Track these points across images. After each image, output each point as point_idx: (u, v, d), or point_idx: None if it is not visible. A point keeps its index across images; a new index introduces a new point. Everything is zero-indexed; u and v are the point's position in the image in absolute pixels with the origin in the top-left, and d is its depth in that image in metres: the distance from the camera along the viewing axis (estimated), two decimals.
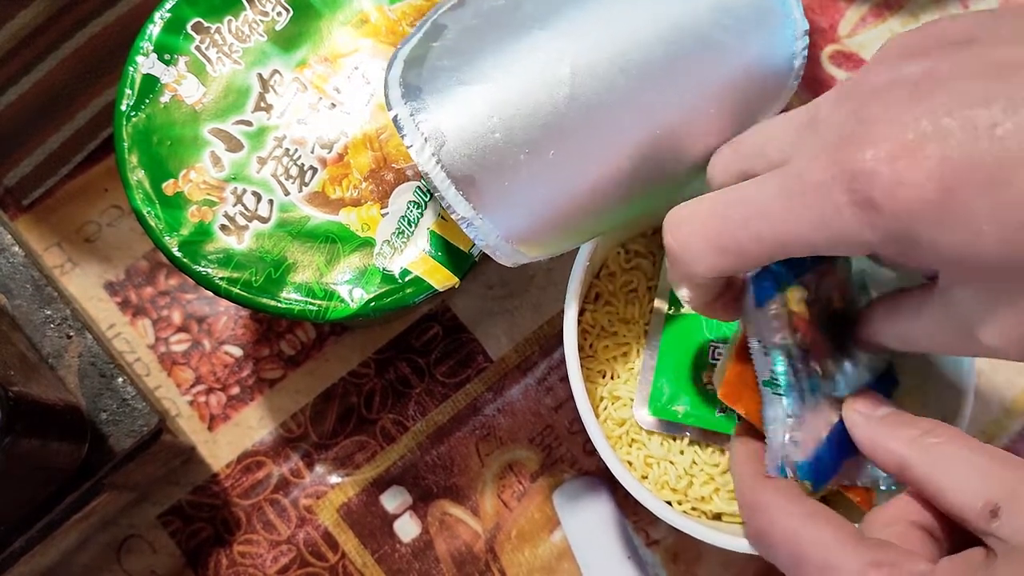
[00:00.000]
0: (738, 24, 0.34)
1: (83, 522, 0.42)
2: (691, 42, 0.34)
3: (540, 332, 0.49)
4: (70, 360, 0.40)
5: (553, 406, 0.48)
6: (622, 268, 0.43)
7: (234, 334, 0.49)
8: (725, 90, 0.34)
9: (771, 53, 0.35)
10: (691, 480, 0.40)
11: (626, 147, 0.34)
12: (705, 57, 0.34)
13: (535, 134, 0.33)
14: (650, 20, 0.34)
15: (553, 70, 0.33)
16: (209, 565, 0.47)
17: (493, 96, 0.33)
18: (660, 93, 0.33)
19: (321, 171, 0.39)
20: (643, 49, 0.33)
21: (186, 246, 0.37)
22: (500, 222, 0.34)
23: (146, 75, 0.39)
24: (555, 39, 0.33)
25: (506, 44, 0.33)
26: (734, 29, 0.34)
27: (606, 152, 0.34)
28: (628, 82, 0.33)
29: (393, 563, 0.47)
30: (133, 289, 0.49)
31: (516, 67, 0.33)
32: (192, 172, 0.38)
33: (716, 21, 0.34)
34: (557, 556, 0.47)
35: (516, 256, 0.35)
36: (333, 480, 0.47)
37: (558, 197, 0.34)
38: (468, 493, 0.47)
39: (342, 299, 0.37)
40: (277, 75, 0.39)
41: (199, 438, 0.48)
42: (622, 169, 0.34)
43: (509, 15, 0.34)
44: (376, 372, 0.49)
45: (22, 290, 0.41)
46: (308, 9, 0.40)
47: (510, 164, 0.33)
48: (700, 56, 0.34)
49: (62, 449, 0.37)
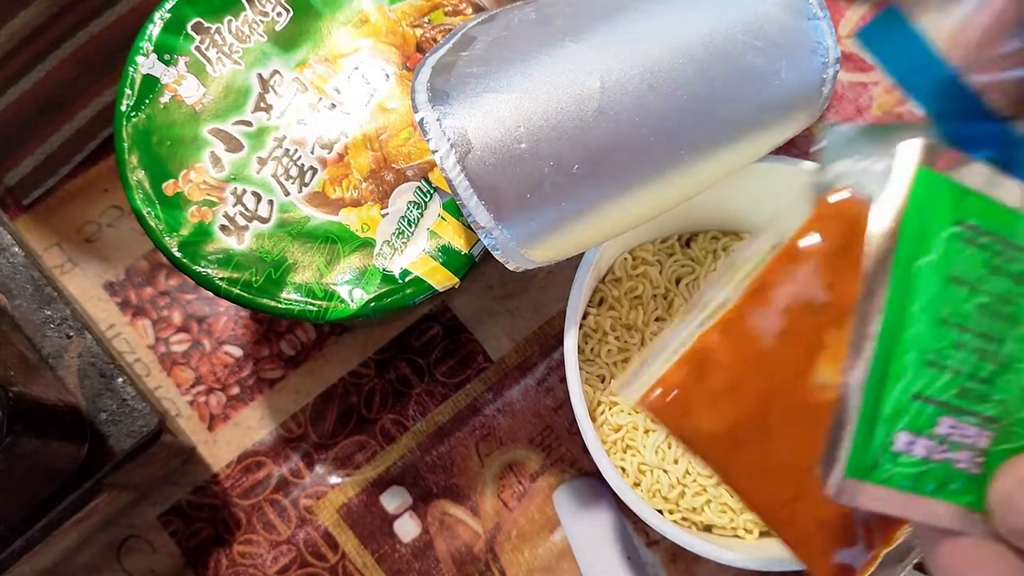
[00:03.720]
0: (770, 48, 0.34)
1: (83, 522, 0.42)
2: (722, 63, 0.34)
3: (540, 332, 0.49)
4: (70, 360, 0.40)
5: (553, 406, 0.48)
6: (628, 274, 0.43)
7: (234, 334, 0.49)
8: (752, 113, 0.34)
9: (800, 79, 0.35)
10: (683, 490, 0.40)
11: (650, 165, 0.34)
12: (735, 79, 0.34)
13: (561, 147, 0.32)
14: (683, 39, 0.33)
15: (583, 83, 0.32)
16: (209, 565, 0.47)
17: (521, 106, 0.32)
18: (688, 112, 0.33)
19: (321, 171, 0.39)
20: (674, 68, 0.33)
21: (186, 246, 0.37)
22: (517, 233, 0.33)
23: (146, 75, 0.39)
24: (586, 53, 0.33)
25: (537, 55, 0.33)
26: (765, 53, 0.34)
27: (630, 169, 0.33)
28: (657, 100, 0.33)
29: (393, 563, 0.47)
30: (133, 289, 0.49)
31: (546, 78, 0.33)
32: (192, 172, 0.38)
33: (748, 43, 0.34)
34: (557, 556, 0.47)
35: (527, 263, 0.35)
36: (333, 480, 0.47)
37: (577, 211, 0.34)
38: (468, 493, 0.47)
39: (342, 299, 0.37)
40: (277, 75, 0.39)
41: (199, 438, 0.48)
42: (644, 187, 0.34)
43: (541, 28, 0.34)
44: (376, 372, 0.49)
45: (22, 290, 0.41)
46: (308, 9, 0.40)
47: (534, 176, 0.33)
48: (730, 77, 0.34)
49: (62, 449, 0.37)
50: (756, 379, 0.24)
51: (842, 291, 0.23)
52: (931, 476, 0.21)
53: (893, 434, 0.21)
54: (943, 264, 0.22)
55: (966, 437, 0.22)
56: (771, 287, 0.24)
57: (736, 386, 0.24)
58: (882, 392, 0.21)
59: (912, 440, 0.21)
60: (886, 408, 0.21)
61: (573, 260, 0.38)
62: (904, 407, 0.21)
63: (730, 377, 0.24)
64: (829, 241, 0.24)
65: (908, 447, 0.21)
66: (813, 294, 0.24)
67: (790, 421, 0.24)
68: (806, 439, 0.23)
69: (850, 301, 0.23)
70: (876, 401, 0.21)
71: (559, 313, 0.49)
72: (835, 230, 0.24)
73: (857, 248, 0.23)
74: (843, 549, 0.24)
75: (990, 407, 0.22)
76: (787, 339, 0.24)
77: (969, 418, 0.22)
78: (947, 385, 0.21)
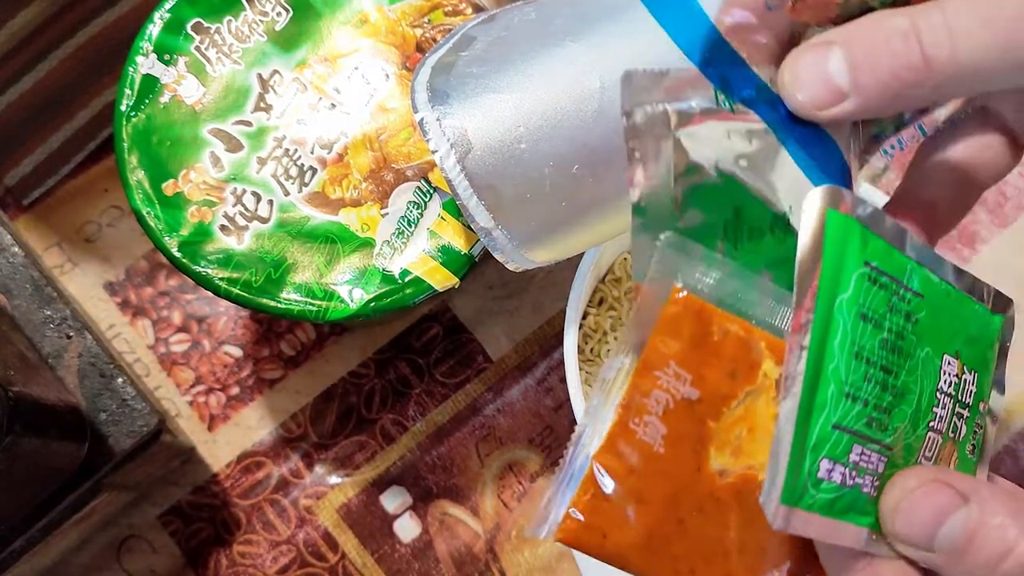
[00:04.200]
0: None
1: (83, 522, 0.42)
2: None
3: (540, 332, 0.49)
4: (70, 360, 0.40)
5: (553, 406, 0.48)
6: (628, 274, 0.43)
7: (234, 334, 0.49)
8: None
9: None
10: None
11: None
12: None
13: (561, 147, 0.32)
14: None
15: (584, 83, 0.32)
16: (209, 565, 0.47)
17: (522, 105, 0.32)
18: None
19: (321, 171, 0.39)
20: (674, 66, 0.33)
21: (186, 246, 0.37)
22: (517, 233, 0.33)
23: (146, 75, 0.39)
24: (587, 52, 0.33)
25: (537, 55, 0.33)
26: None
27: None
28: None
29: (393, 563, 0.47)
30: (133, 289, 0.49)
31: (546, 78, 0.33)
32: (192, 172, 0.38)
33: None
34: (557, 556, 0.47)
35: (527, 263, 0.35)
36: (333, 480, 0.48)
37: (577, 211, 0.34)
38: (468, 493, 0.47)
39: (342, 299, 0.37)
40: (277, 75, 0.39)
41: (199, 438, 0.48)
42: None
43: (541, 28, 0.33)
44: (376, 372, 0.49)
45: (22, 290, 0.41)
46: (308, 9, 0.40)
47: (534, 177, 0.32)
48: None
49: (62, 449, 0.37)
50: (658, 483, 0.25)
51: (707, 383, 0.25)
52: (843, 500, 0.23)
53: (817, 462, 0.22)
54: (854, 301, 0.23)
55: (869, 463, 0.23)
56: (643, 397, 0.25)
57: (642, 495, 0.25)
58: (808, 423, 0.22)
59: (831, 467, 0.23)
60: (811, 438, 0.22)
61: (573, 260, 0.38)
62: (826, 437, 0.22)
63: (633, 489, 0.25)
64: (681, 341, 0.25)
65: (828, 474, 0.23)
66: (683, 393, 0.25)
67: (701, 512, 0.25)
68: (721, 524, 0.25)
69: (717, 389, 0.25)
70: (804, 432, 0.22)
71: (559, 313, 0.49)
72: (683, 329, 0.25)
73: (708, 339, 0.25)
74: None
75: (887, 435, 0.24)
76: (674, 440, 0.25)
77: (872, 445, 0.23)
78: (859, 415, 0.23)
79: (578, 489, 0.25)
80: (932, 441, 0.25)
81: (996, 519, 0.22)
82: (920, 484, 0.23)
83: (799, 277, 0.23)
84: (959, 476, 0.24)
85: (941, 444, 0.25)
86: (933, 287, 0.26)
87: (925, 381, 0.25)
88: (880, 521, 0.24)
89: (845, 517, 0.23)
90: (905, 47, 0.24)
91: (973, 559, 0.22)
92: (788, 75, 0.25)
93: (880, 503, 0.24)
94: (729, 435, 0.25)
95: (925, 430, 0.25)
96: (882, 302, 0.24)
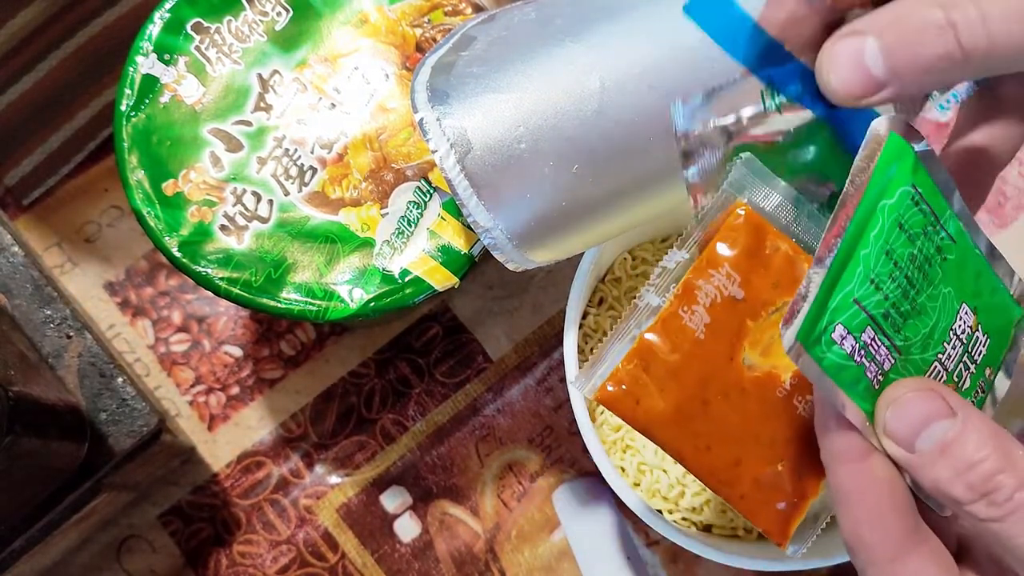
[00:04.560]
0: None
1: (83, 522, 0.42)
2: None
3: (540, 332, 0.49)
4: (70, 360, 0.40)
5: (553, 406, 0.48)
6: (628, 274, 0.43)
7: (234, 334, 0.49)
8: None
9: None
10: (683, 490, 0.40)
11: (650, 165, 0.33)
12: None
13: (561, 147, 0.32)
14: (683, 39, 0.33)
15: (583, 83, 0.32)
16: (209, 565, 0.47)
17: (521, 105, 0.32)
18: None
19: (321, 171, 0.39)
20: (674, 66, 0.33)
21: (186, 246, 0.37)
22: (517, 233, 0.33)
23: (146, 75, 0.39)
24: (587, 52, 0.33)
25: (537, 54, 0.33)
26: None
27: (630, 169, 0.33)
28: (657, 100, 0.33)
29: (393, 563, 0.47)
30: (133, 289, 0.49)
31: (546, 78, 0.33)
32: (192, 172, 0.38)
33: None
34: (557, 556, 0.47)
35: (527, 263, 0.35)
36: (333, 480, 0.48)
37: (577, 211, 0.34)
38: (468, 493, 0.47)
39: (342, 299, 0.37)
40: (277, 75, 0.39)
41: (199, 438, 0.48)
42: (644, 187, 0.34)
43: (541, 28, 0.33)
44: (376, 372, 0.49)
45: (22, 290, 0.41)
46: (308, 9, 0.40)
47: (534, 176, 0.32)
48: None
49: (62, 449, 0.37)
50: (694, 365, 0.28)
51: (752, 288, 0.28)
52: (849, 373, 0.25)
53: (834, 324, 0.25)
54: (896, 209, 0.26)
55: (878, 353, 0.25)
56: (695, 289, 0.28)
57: (677, 373, 0.28)
58: (833, 288, 0.25)
59: (844, 335, 0.25)
60: (833, 301, 0.25)
61: (573, 260, 0.38)
62: (845, 306, 0.25)
63: (671, 366, 0.28)
64: (738, 249, 0.28)
65: (841, 340, 0.25)
66: (731, 292, 0.28)
67: (726, 398, 0.28)
68: (741, 412, 0.28)
69: (760, 295, 0.28)
70: (828, 293, 0.25)
71: (559, 313, 0.49)
72: (741, 239, 0.28)
73: (761, 252, 0.28)
74: (779, 502, 0.28)
75: (898, 338, 0.26)
76: (715, 330, 0.28)
77: (883, 338, 0.26)
78: (877, 304, 0.25)
79: (624, 358, 0.28)
80: (937, 372, 0.27)
81: (974, 435, 0.24)
82: (919, 388, 0.25)
83: (853, 173, 0.26)
84: (956, 396, 0.25)
85: (945, 382, 0.27)
86: (966, 242, 0.27)
87: (942, 314, 0.27)
88: (875, 412, 0.25)
89: (848, 391, 0.25)
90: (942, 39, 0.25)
91: (943, 464, 0.24)
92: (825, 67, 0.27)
93: (880, 396, 0.25)
94: (763, 335, 0.28)
95: (933, 357, 0.27)
96: (918, 223, 0.26)
